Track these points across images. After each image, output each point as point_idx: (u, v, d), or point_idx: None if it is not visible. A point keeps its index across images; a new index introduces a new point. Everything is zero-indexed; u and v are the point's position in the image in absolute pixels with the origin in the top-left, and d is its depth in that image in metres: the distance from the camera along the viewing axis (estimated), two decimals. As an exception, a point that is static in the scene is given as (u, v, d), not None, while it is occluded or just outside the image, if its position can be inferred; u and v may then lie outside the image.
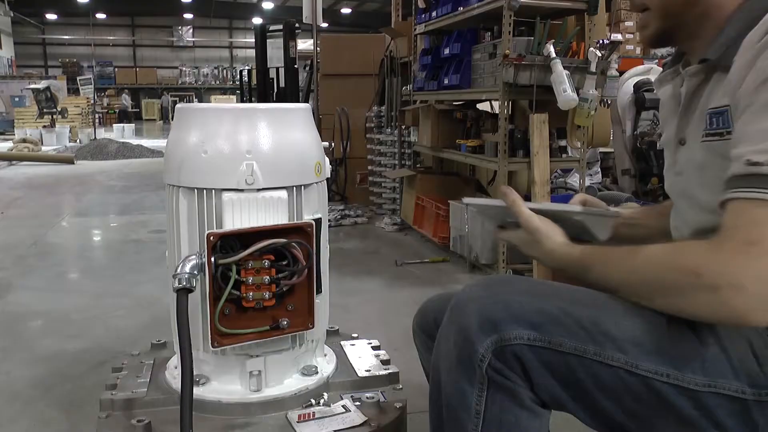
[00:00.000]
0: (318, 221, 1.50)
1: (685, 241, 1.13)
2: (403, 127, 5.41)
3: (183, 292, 1.32)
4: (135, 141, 14.62)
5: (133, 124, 21.46)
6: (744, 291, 0.88)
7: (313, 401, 1.53)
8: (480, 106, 4.70)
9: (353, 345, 1.83)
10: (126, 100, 31.08)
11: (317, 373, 1.61)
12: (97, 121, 18.50)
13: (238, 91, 22.29)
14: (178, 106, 1.60)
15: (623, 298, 1.11)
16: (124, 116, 29.41)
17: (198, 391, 1.47)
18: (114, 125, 20.88)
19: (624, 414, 1.04)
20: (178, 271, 1.35)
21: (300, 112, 1.58)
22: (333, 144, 6.37)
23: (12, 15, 28.15)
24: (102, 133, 17.13)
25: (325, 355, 1.72)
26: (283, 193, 1.48)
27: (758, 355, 1.00)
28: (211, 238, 1.36)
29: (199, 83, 34.86)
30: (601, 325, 1.02)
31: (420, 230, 4.84)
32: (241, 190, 1.44)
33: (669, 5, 1.15)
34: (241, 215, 1.44)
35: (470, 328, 1.03)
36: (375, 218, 5.64)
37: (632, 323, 1.03)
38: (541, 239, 1.18)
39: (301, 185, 1.51)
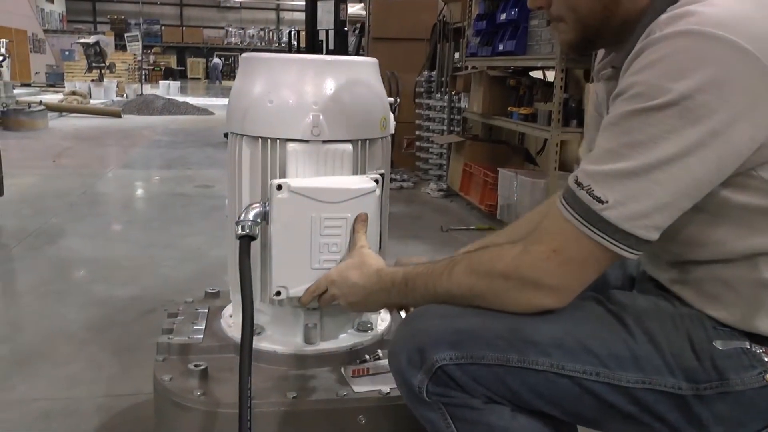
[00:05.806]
0: (382, 176, 1.48)
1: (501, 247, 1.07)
2: (454, 93, 5.34)
3: (246, 239, 1.31)
4: (180, 98, 14.74)
5: (179, 82, 21.65)
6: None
7: (367, 357, 1.53)
8: (532, 74, 4.61)
9: (406, 304, 1.81)
10: (217, 66, 31.59)
11: (372, 329, 1.60)
12: (143, 77, 18.69)
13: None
14: (243, 55, 1.58)
15: None
16: (215, 76, 30.40)
17: (254, 341, 1.47)
18: (160, 82, 21.05)
19: (570, 416, 1.04)
20: (242, 218, 1.34)
21: (367, 65, 1.55)
22: (398, 99, 6.22)
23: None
24: (148, 89, 17.32)
25: (379, 313, 1.71)
26: (348, 147, 1.45)
27: (697, 350, 0.97)
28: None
29: (245, 44, 34.95)
30: (520, 332, 1.00)
31: (466, 197, 4.79)
32: (306, 141, 1.42)
33: (586, 18, 1.04)
34: (305, 166, 1.43)
35: (402, 368, 1.06)
36: (421, 183, 5.62)
37: (552, 326, 1.01)
38: (367, 260, 1.28)
39: (366, 139, 1.49)
